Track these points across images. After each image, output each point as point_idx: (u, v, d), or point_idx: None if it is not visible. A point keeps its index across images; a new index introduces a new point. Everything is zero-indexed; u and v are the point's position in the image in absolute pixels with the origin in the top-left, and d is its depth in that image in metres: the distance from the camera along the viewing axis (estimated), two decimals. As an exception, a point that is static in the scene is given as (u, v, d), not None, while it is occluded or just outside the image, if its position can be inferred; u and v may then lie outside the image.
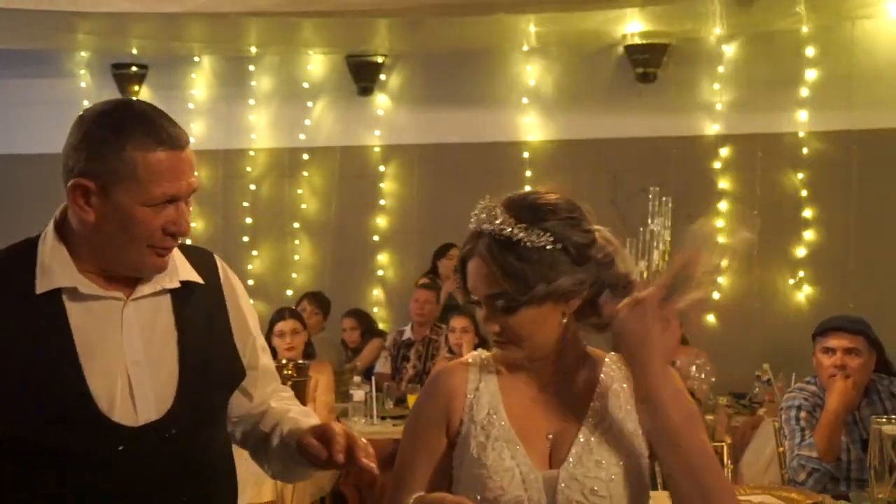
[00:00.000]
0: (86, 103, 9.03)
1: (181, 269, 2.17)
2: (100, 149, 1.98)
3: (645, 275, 6.32)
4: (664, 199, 6.59)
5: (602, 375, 2.04)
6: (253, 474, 5.36)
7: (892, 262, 7.54)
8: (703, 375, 6.00)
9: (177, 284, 2.14)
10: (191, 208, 2.09)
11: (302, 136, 8.92)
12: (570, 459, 1.94)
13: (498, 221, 1.91)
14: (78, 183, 2.00)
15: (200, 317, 2.17)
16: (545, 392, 2.03)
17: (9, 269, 2.07)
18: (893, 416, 3.65)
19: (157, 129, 2.00)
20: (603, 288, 1.97)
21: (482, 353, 2.09)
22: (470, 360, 2.08)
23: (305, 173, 8.94)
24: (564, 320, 1.97)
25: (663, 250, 6.37)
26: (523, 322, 1.93)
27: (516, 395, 2.03)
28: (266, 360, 2.34)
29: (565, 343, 2.01)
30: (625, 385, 2.02)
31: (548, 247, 1.89)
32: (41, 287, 2.03)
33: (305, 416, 2.28)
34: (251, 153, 8.98)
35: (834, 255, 7.69)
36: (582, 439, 1.95)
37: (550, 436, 1.99)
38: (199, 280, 2.19)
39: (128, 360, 2.05)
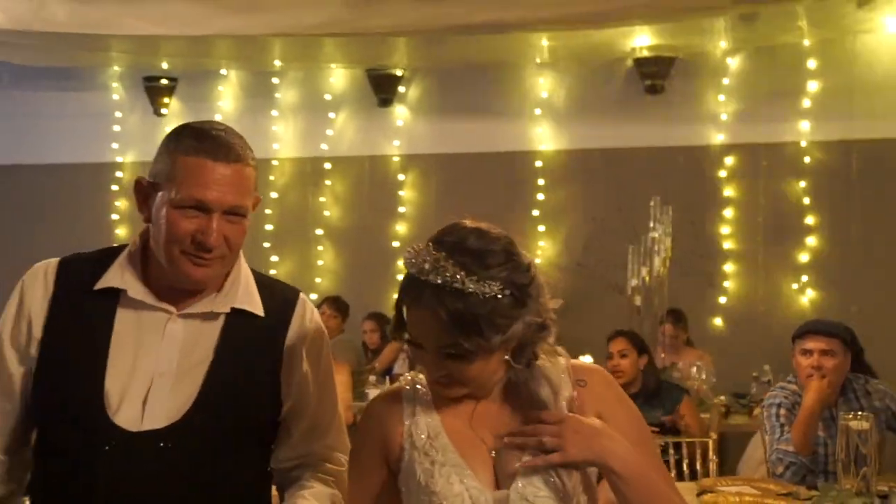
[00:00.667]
0: (118, 115, 9.44)
1: (241, 297, 2.16)
2: (159, 152, 2.09)
3: (647, 279, 6.58)
4: (664, 206, 6.81)
5: (544, 387, 1.94)
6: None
7: (892, 266, 7.77)
8: (703, 376, 6.27)
9: (227, 310, 2.14)
10: (239, 229, 2.08)
11: (324, 147, 9.17)
12: (519, 481, 1.88)
13: (447, 274, 1.79)
14: (136, 179, 2.12)
15: (246, 346, 2.15)
16: (483, 408, 1.95)
17: (86, 265, 2.16)
18: (861, 413, 3.95)
19: (204, 138, 2.04)
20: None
21: (415, 375, 2.02)
22: (404, 386, 2.00)
23: (328, 182, 9.18)
24: (506, 357, 1.90)
25: (664, 257, 6.63)
26: (473, 369, 1.86)
27: (454, 415, 1.95)
28: (322, 413, 2.25)
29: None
30: (574, 393, 1.95)
31: (498, 296, 1.81)
32: (99, 284, 2.11)
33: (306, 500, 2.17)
34: (275, 163, 9.22)
35: (836, 260, 7.92)
36: (528, 456, 1.88)
37: (493, 453, 1.92)
38: (259, 312, 2.16)
39: (156, 370, 2.07)
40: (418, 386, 1.99)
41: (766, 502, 3.78)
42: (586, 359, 6.29)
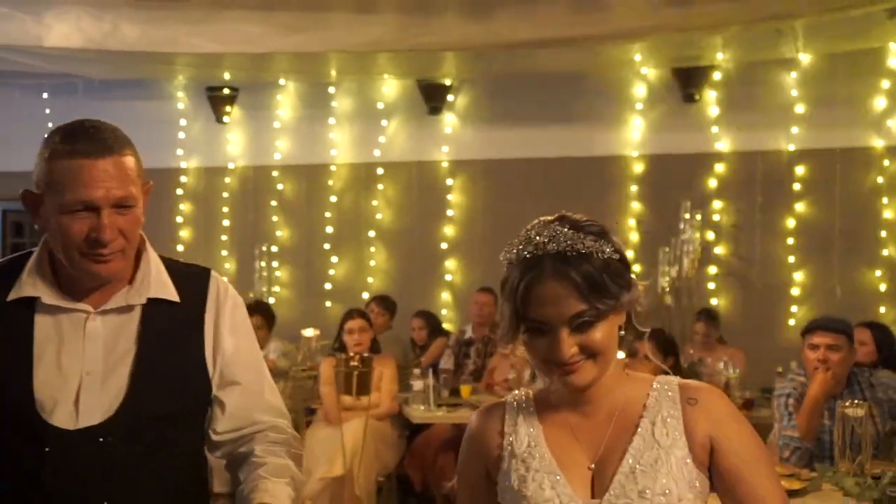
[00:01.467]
0: (182, 122, 9.97)
1: (154, 287, 2.19)
2: (37, 162, 2.09)
3: (676, 280, 6.97)
4: (694, 211, 7.18)
5: (649, 401, 1.95)
6: (325, 451, 6.19)
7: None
8: (731, 371, 6.61)
9: (143, 301, 2.17)
10: (132, 218, 2.09)
11: (377, 153, 9.59)
12: (612, 490, 1.87)
13: (565, 240, 1.83)
14: (23, 192, 2.13)
15: (168, 333, 2.18)
16: (587, 421, 1.96)
17: (1, 276, 2.17)
18: (857, 401, 4.32)
19: (75, 139, 2.04)
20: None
21: (522, 391, 2.05)
22: (508, 399, 2.04)
23: (381, 186, 9.59)
24: (621, 333, 1.93)
25: (693, 258, 7.01)
26: (602, 335, 1.86)
27: (556, 426, 1.97)
28: (251, 378, 2.28)
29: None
30: (673, 412, 1.93)
31: (613, 256, 1.86)
32: (11, 295, 2.13)
33: (268, 482, 2.18)
34: (332, 168, 9.67)
35: None
36: (625, 468, 1.87)
37: (592, 465, 1.92)
38: (174, 298, 2.19)
39: (83, 369, 2.10)
40: (524, 399, 2.02)
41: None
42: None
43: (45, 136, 2.10)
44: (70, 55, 7.45)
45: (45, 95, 9.84)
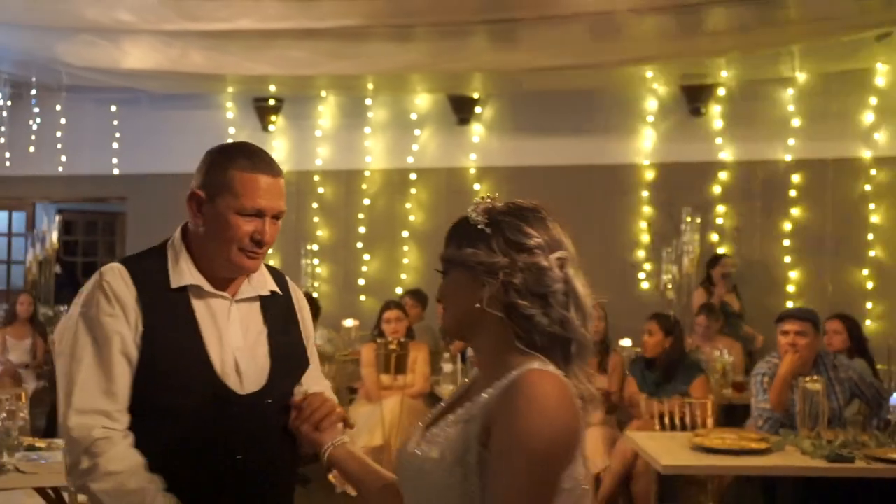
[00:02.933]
0: (231, 130, 10.78)
1: (269, 283, 2.59)
2: (211, 168, 2.45)
3: (677, 277, 7.78)
4: (694, 215, 7.97)
5: (488, 392, 1.93)
6: (366, 424, 7.03)
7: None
8: (725, 357, 7.37)
9: (267, 293, 2.57)
10: (277, 227, 2.48)
11: (410, 159, 10.37)
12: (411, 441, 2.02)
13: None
14: (193, 193, 2.45)
15: (280, 319, 2.59)
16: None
17: (148, 267, 2.46)
18: (815, 377, 5.15)
19: (254, 158, 2.43)
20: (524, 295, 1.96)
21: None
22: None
23: (413, 190, 10.36)
24: (477, 305, 1.97)
25: (692, 258, 7.82)
26: (447, 285, 2.06)
27: None
28: (314, 359, 2.69)
29: (489, 343, 1.99)
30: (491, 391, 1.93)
31: (479, 226, 2.00)
32: (174, 283, 2.44)
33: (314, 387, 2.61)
34: (367, 173, 10.45)
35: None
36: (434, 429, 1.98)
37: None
38: (280, 292, 2.61)
39: (234, 346, 2.44)
40: None
41: (742, 442, 4.99)
42: (625, 342, 7.52)
43: (221, 148, 2.52)
44: (142, 75, 8.36)
45: (112, 108, 10.76)
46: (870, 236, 9.09)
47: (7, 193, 11.35)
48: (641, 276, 9.43)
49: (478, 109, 10.23)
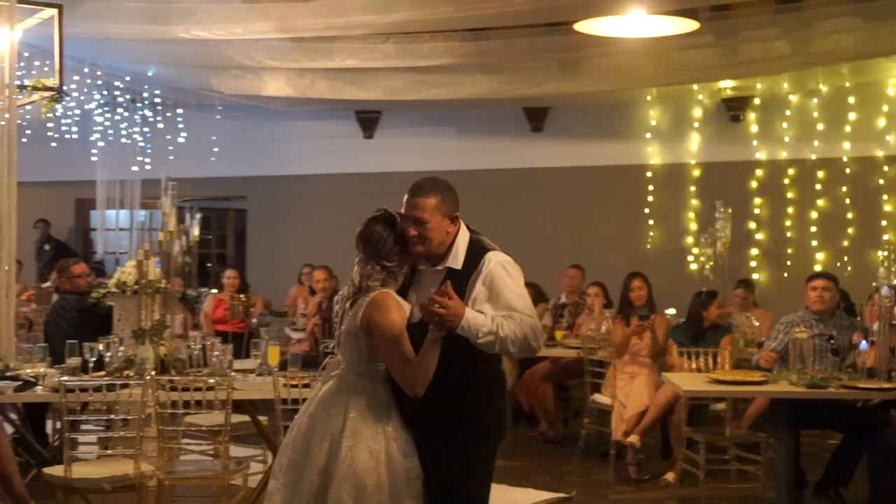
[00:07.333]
0: (346, 139, 12.68)
1: (451, 261, 3.72)
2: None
3: (711, 255, 9.47)
4: (724, 208, 9.63)
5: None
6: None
7: None
8: (753, 322, 8.92)
9: (443, 268, 3.72)
10: (423, 229, 3.63)
11: (481, 163, 12.07)
12: None
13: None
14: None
15: (456, 284, 3.55)
16: None
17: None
18: (803, 328, 6.71)
19: (412, 186, 3.73)
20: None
21: None
22: None
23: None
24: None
25: (724, 242, 9.50)
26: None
27: None
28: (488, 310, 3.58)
29: None
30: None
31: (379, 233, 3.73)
32: (421, 266, 3.83)
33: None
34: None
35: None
36: None
37: None
38: (457, 268, 3.69)
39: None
40: None
41: (746, 377, 6.58)
42: (670, 311, 9.17)
43: (445, 184, 3.76)
44: (277, 100, 10.30)
45: (243, 124, 12.54)
46: (884, 223, 10.56)
47: (150, 194, 13.25)
48: (690, 258, 11.06)
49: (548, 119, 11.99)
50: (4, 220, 6.09)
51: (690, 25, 7.32)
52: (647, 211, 11.42)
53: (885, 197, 10.63)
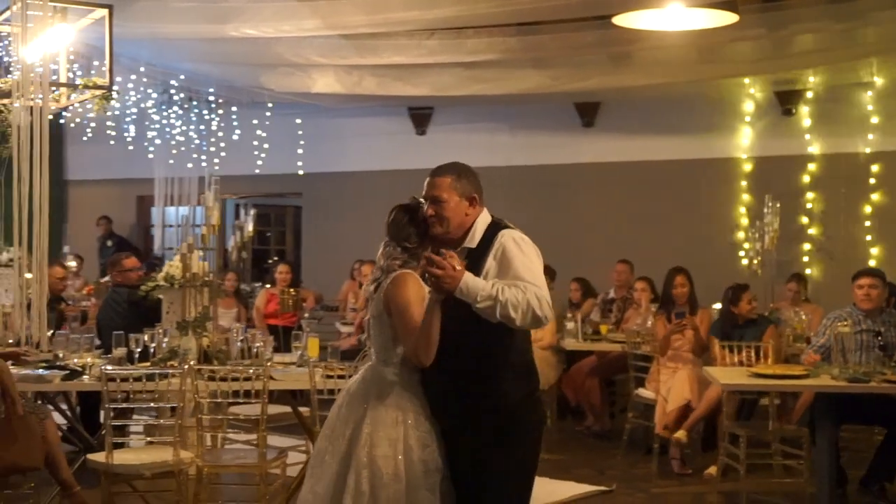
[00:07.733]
0: (399, 135, 12.80)
1: (468, 243, 3.75)
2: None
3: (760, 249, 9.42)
4: (773, 203, 9.56)
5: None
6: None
7: None
8: (801, 316, 8.88)
9: (461, 249, 3.71)
10: (440, 208, 3.70)
11: (537, 159, 12.17)
12: None
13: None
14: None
15: (472, 262, 3.63)
16: None
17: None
18: (846, 322, 6.67)
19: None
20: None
21: None
22: None
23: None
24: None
25: (772, 236, 9.44)
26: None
27: None
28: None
29: None
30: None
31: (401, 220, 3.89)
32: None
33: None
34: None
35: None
36: None
37: None
38: (472, 246, 3.73)
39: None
40: None
41: (787, 371, 6.57)
42: (716, 306, 9.13)
43: (464, 167, 3.84)
44: (326, 96, 10.45)
45: (297, 121, 12.68)
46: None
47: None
48: (741, 253, 10.95)
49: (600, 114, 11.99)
50: (37, 214, 6.29)
51: (730, 18, 7.28)
52: (697, 205, 11.35)
53: (941, 191, 10.48)
